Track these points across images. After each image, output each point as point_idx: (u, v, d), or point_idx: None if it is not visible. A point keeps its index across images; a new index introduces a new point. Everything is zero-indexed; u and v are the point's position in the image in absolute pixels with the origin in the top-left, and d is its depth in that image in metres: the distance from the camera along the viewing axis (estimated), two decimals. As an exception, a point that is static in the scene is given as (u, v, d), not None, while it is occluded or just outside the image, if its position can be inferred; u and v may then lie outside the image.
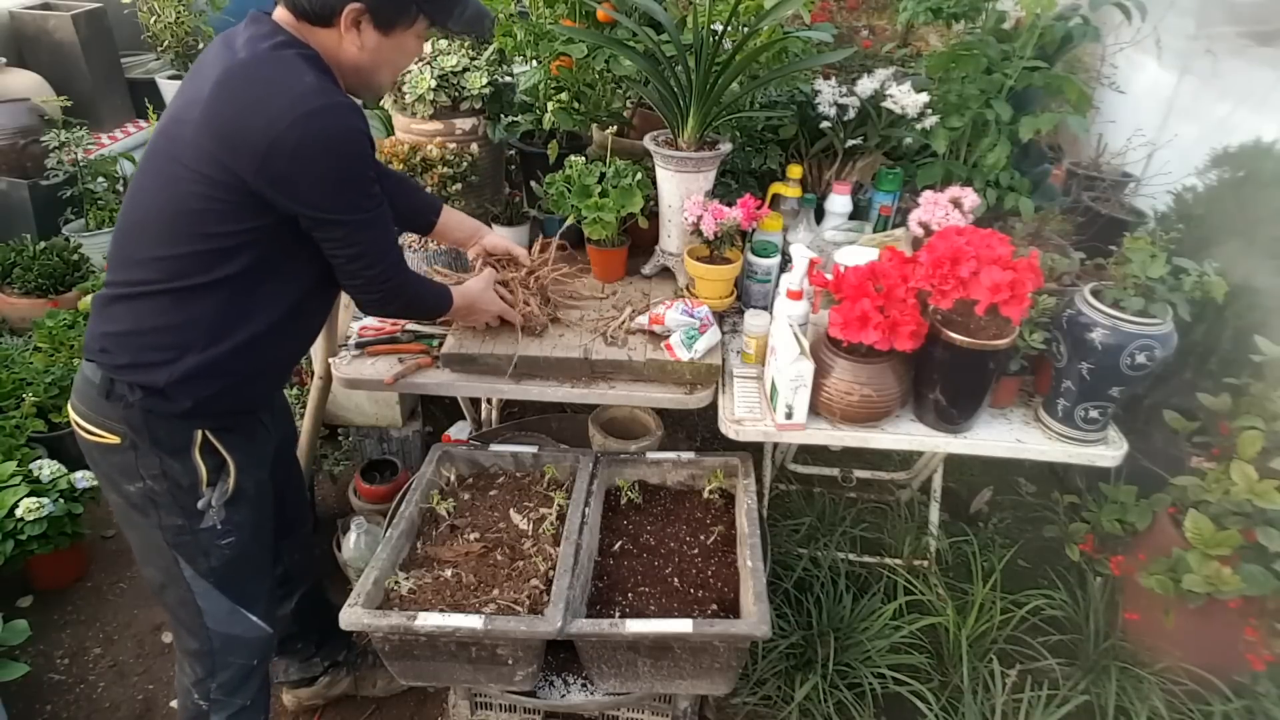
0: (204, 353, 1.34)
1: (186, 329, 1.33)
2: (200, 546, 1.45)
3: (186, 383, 1.34)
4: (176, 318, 1.33)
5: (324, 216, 1.32)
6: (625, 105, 2.29)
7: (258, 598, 1.57)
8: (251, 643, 1.57)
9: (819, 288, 1.68)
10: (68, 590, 2.33)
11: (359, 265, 1.39)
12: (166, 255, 1.30)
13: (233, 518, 1.46)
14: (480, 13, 1.45)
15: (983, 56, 1.92)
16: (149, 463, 1.38)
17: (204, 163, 1.25)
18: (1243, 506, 1.77)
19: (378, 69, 1.40)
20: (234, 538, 1.47)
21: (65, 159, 3.50)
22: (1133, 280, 1.59)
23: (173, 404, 1.35)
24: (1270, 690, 1.81)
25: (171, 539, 1.43)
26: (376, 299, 1.48)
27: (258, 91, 1.25)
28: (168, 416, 1.36)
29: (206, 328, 1.34)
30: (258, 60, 1.27)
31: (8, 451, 2.25)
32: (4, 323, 3.19)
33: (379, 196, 1.37)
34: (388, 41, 1.36)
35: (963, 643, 1.97)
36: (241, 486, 1.46)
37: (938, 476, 2.26)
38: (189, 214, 1.28)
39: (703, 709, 1.95)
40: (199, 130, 1.25)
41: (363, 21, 1.32)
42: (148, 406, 1.35)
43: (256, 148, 1.23)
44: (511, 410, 2.66)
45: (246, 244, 1.31)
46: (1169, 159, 2.76)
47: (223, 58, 1.28)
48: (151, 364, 1.33)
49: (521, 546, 1.71)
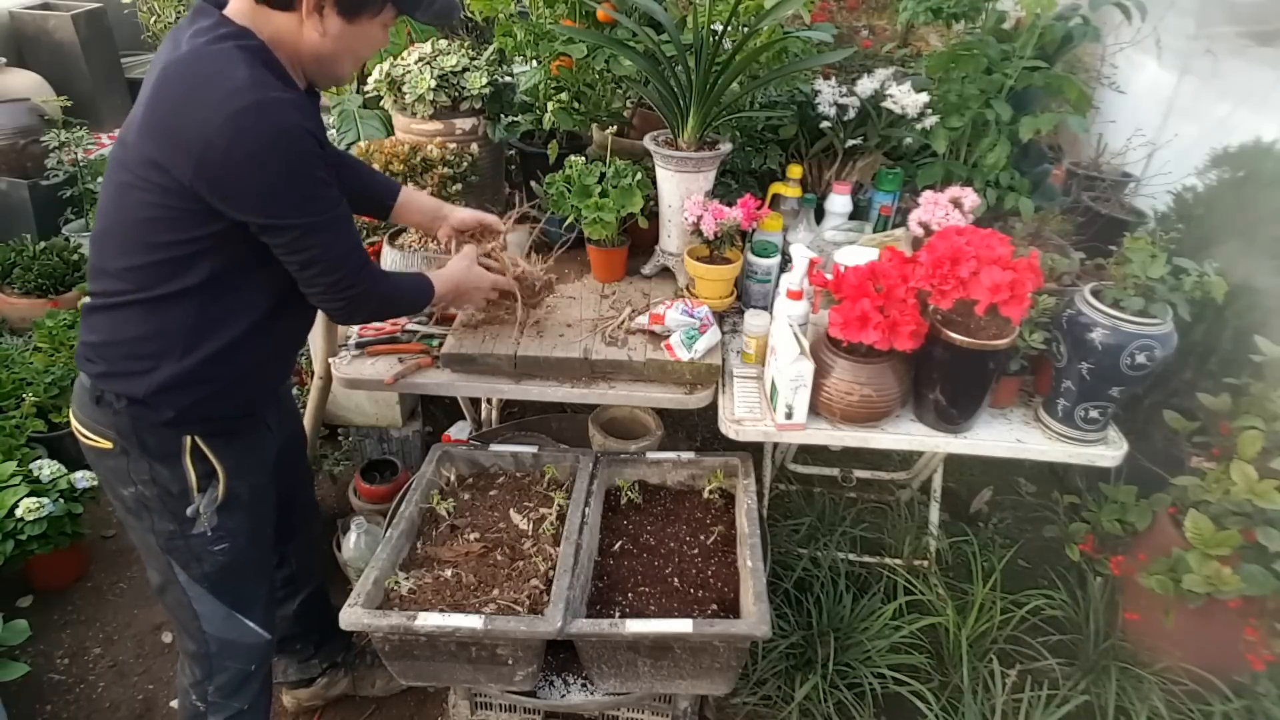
0: (180, 362, 1.30)
1: (159, 339, 1.29)
2: (192, 552, 1.43)
3: (165, 393, 1.31)
4: (148, 328, 1.29)
5: (267, 222, 1.23)
6: (625, 105, 2.29)
7: (255, 603, 1.55)
8: (249, 648, 1.55)
9: (819, 288, 1.68)
10: (68, 590, 2.33)
11: (315, 272, 1.30)
12: (131, 265, 1.26)
13: (225, 524, 1.43)
14: (449, 4, 1.39)
15: (983, 56, 1.92)
16: (139, 468, 1.36)
17: (146, 167, 1.20)
18: (1243, 506, 1.77)
19: (339, 58, 1.32)
20: (227, 544, 1.45)
21: (65, 159, 3.50)
22: (1133, 280, 1.58)
23: (156, 413, 1.32)
24: (1270, 690, 1.81)
25: (164, 544, 1.42)
26: (340, 308, 1.37)
27: (191, 91, 1.18)
28: (154, 424, 1.34)
29: (179, 338, 1.29)
30: (194, 56, 1.19)
31: (8, 451, 2.25)
32: (4, 323, 3.19)
33: (331, 198, 1.28)
34: (351, 29, 1.28)
35: (963, 643, 1.97)
36: (235, 493, 1.43)
37: (938, 476, 2.26)
38: (144, 223, 1.24)
39: (703, 709, 1.95)
40: (139, 134, 1.21)
41: (325, 6, 1.24)
42: (134, 414, 1.32)
43: (190, 150, 1.16)
44: (511, 410, 2.66)
45: (206, 251, 1.25)
46: (1169, 159, 2.76)
47: (164, 55, 1.23)
48: (130, 374, 1.31)
49: (521, 546, 1.71)
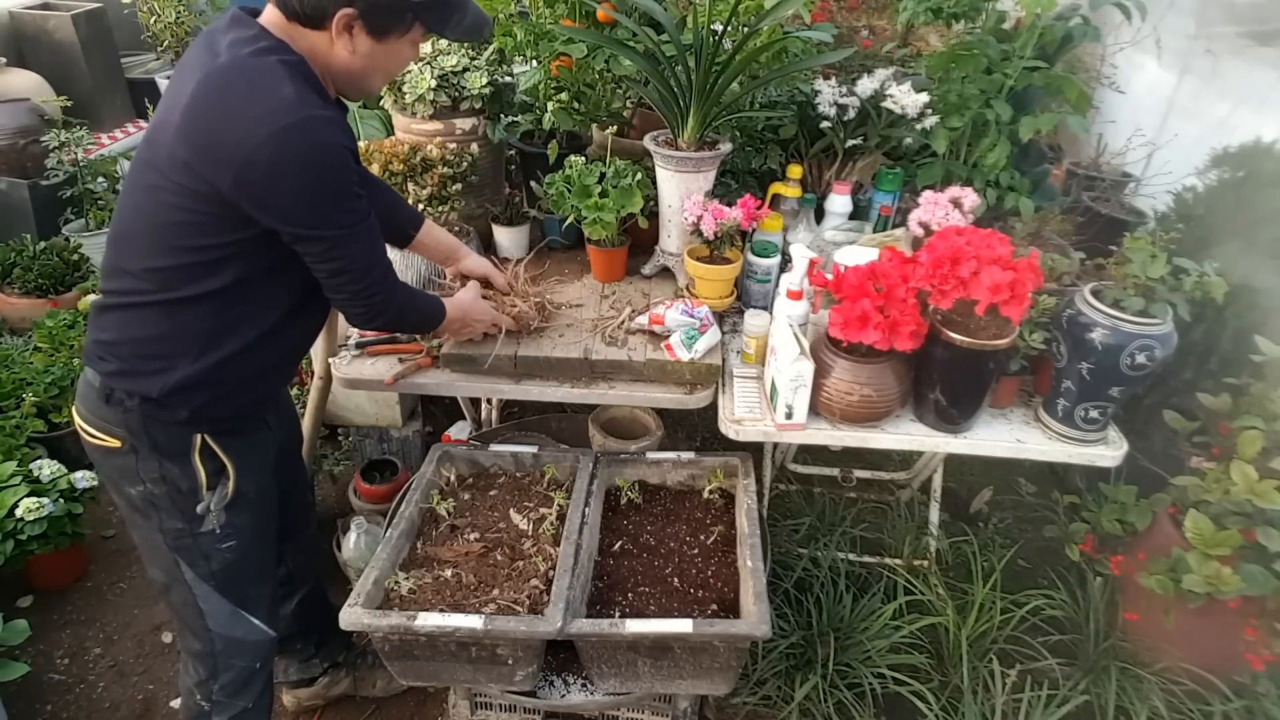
0: (195, 363, 1.32)
1: (176, 340, 1.31)
2: (201, 550, 1.44)
3: (180, 393, 1.32)
4: (165, 329, 1.31)
5: (302, 232, 1.27)
6: (625, 105, 2.29)
7: (260, 601, 1.56)
8: (254, 645, 1.56)
9: (819, 288, 1.68)
10: (68, 590, 2.33)
11: (342, 280, 1.35)
12: (154, 267, 1.28)
13: (233, 521, 1.45)
14: (479, 20, 1.39)
15: (983, 56, 1.92)
16: (149, 466, 1.37)
17: (180, 172, 1.21)
18: (1243, 506, 1.77)
19: (369, 74, 1.35)
20: (234, 541, 1.46)
21: (65, 159, 3.50)
22: (1133, 280, 1.58)
23: (170, 412, 1.34)
24: (1270, 690, 1.81)
25: (172, 542, 1.43)
26: (361, 313, 1.44)
27: (234, 102, 1.19)
28: (166, 422, 1.35)
29: (196, 339, 1.31)
30: (237, 67, 1.21)
31: (8, 451, 2.25)
32: (4, 323, 3.19)
33: (362, 210, 1.32)
34: (380, 48, 1.31)
35: (963, 643, 1.97)
36: (242, 490, 1.45)
37: (938, 476, 2.26)
38: (172, 226, 1.25)
39: (703, 709, 1.95)
40: (176, 138, 1.21)
41: (355, 27, 1.27)
42: (146, 412, 1.34)
43: (231, 161, 1.18)
44: (511, 410, 2.66)
45: (232, 256, 1.27)
46: (1169, 159, 2.76)
47: (203, 61, 1.24)
48: (144, 373, 1.32)
49: (521, 546, 1.71)
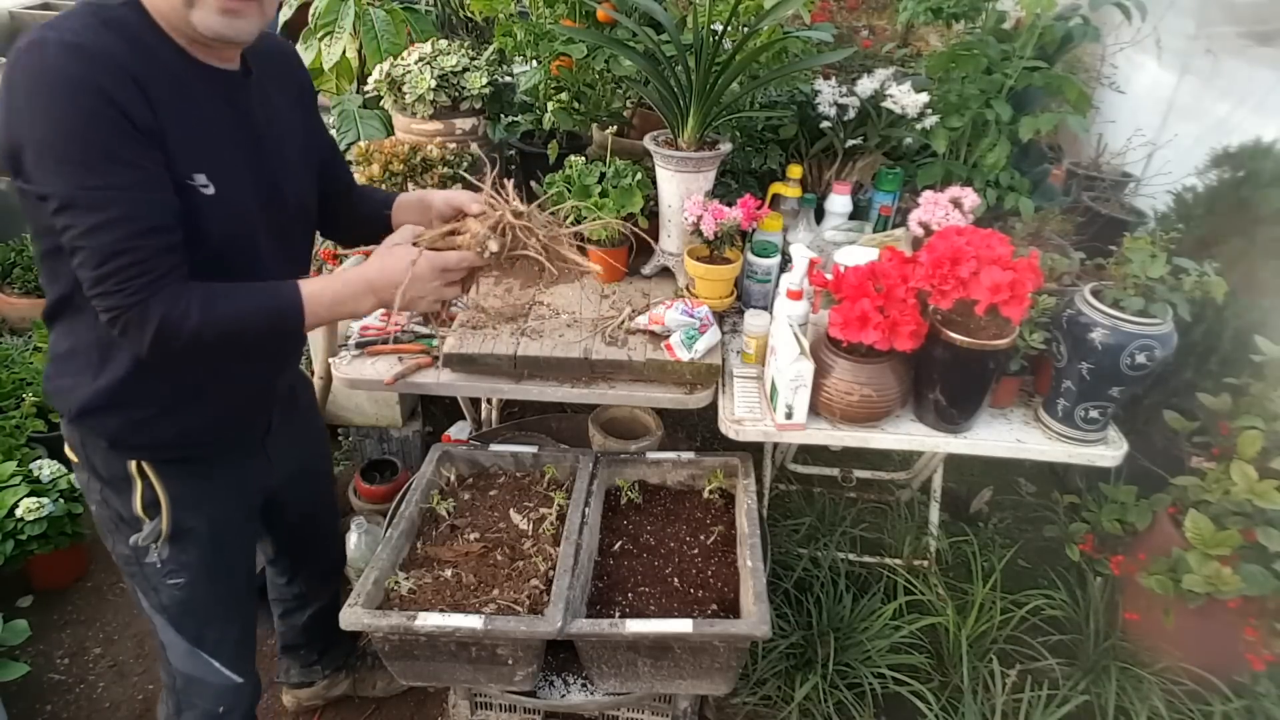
0: (95, 382, 1.19)
1: (76, 356, 1.20)
2: (149, 581, 1.36)
3: (91, 414, 1.22)
4: (68, 342, 1.20)
5: (29, 187, 1.02)
6: (625, 105, 2.29)
7: (223, 645, 1.45)
8: (216, 689, 1.46)
9: (819, 288, 1.68)
10: (68, 590, 2.33)
11: (82, 270, 1.05)
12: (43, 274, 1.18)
13: (178, 558, 1.34)
14: None
15: (983, 56, 1.92)
16: (93, 489, 1.31)
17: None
18: (1243, 506, 1.77)
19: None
20: (182, 579, 1.36)
21: (65, 159, 3.50)
22: (1133, 280, 1.58)
23: (92, 435, 1.24)
24: (1270, 690, 1.81)
25: (124, 567, 1.37)
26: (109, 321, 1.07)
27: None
28: (95, 446, 1.25)
29: (89, 353, 1.18)
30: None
31: (8, 451, 2.25)
32: (4, 323, 3.19)
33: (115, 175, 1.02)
34: None
35: (963, 643, 1.97)
36: (186, 527, 1.32)
37: (938, 476, 2.26)
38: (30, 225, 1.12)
39: (703, 709, 1.95)
40: None
41: None
42: (79, 432, 1.26)
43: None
44: (511, 410, 2.66)
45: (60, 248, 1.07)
46: (1169, 159, 2.76)
47: None
48: (60, 390, 1.23)
49: (521, 546, 1.71)
